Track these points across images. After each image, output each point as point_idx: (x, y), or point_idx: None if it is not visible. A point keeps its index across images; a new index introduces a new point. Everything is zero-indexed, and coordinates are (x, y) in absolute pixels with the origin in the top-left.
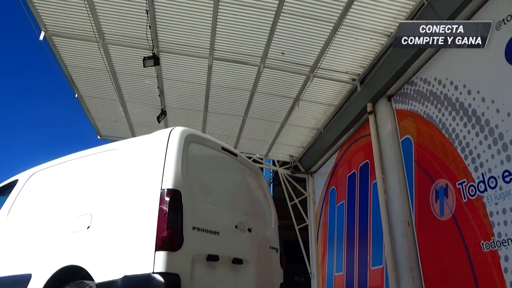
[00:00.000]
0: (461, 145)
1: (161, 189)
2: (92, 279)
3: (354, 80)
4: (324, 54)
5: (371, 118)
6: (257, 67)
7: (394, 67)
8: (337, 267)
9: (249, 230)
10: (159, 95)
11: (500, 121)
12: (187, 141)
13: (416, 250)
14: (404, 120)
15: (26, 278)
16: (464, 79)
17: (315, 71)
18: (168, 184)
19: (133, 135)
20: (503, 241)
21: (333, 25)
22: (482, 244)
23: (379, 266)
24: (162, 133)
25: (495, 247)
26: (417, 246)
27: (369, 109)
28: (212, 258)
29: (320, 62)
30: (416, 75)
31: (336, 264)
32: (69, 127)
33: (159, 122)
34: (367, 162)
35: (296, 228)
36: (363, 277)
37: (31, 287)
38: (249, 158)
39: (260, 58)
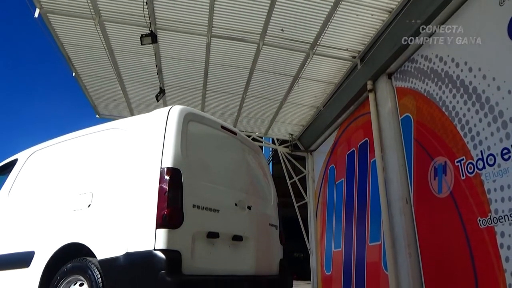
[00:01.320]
0: (461, 122)
1: (161, 167)
2: (94, 256)
3: (354, 57)
4: (324, 31)
5: (371, 96)
6: (256, 45)
7: (395, 44)
8: (335, 243)
9: (249, 208)
10: (157, 74)
11: (501, 99)
12: (186, 120)
13: (413, 227)
14: (404, 98)
15: (30, 255)
16: (465, 56)
17: (315, 48)
18: (168, 163)
19: (132, 114)
20: (500, 217)
21: (333, 0)
22: (479, 220)
23: (377, 242)
24: (161, 112)
25: (491, 223)
26: (415, 222)
27: (369, 87)
28: (213, 235)
29: (320, 39)
30: (417, 52)
31: (334, 241)
32: (68, 106)
33: (157, 101)
34: (366, 140)
35: (295, 205)
36: (361, 253)
37: (34, 264)
38: (249, 136)
39: (259, 36)
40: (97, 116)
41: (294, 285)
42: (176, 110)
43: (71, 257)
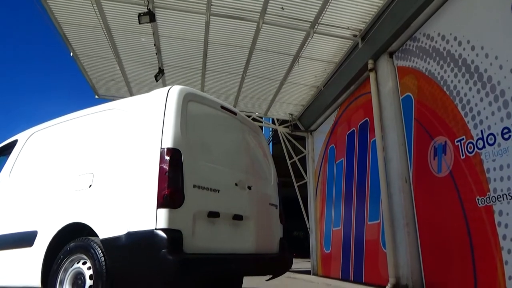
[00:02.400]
0: (462, 102)
1: (161, 148)
2: (96, 235)
3: (355, 36)
4: (325, 9)
5: (372, 75)
6: (256, 23)
7: (397, 22)
8: (335, 222)
9: (249, 187)
10: (156, 53)
11: (503, 78)
12: (186, 100)
13: (412, 206)
14: (405, 77)
15: (32, 235)
16: (468, 34)
17: (316, 26)
18: (168, 143)
19: (131, 94)
20: (499, 196)
21: None
22: (478, 199)
23: (376, 221)
24: (160, 92)
25: (490, 202)
26: (414, 202)
27: (370, 66)
28: (213, 214)
29: (321, 17)
30: (419, 30)
31: (334, 219)
32: (67, 86)
33: (157, 81)
34: (366, 120)
35: (295, 185)
36: (360, 232)
37: (37, 243)
38: (249, 116)
39: (259, 14)
40: (96, 96)
41: (294, 263)
42: (175, 90)
43: (74, 236)
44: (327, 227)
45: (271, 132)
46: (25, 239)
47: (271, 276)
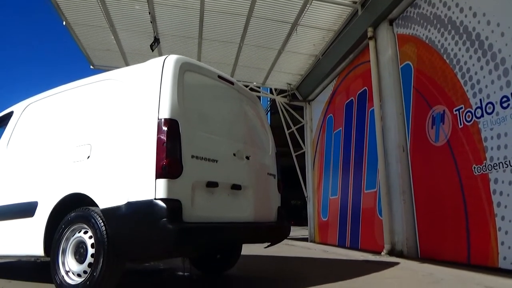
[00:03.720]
0: (462, 70)
1: (158, 118)
2: (96, 206)
3: (355, 2)
4: None
5: (371, 43)
6: None
7: None
8: (332, 191)
9: (247, 157)
10: (151, 22)
11: (504, 46)
12: (182, 70)
13: (409, 174)
14: (405, 45)
15: (33, 205)
16: (470, 0)
17: None
18: (165, 114)
19: (127, 64)
20: (495, 164)
21: None
22: (474, 168)
23: (373, 190)
24: (156, 62)
25: (486, 170)
26: (410, 170)
27: (369, 34)
28: (212, 184)
29: None
30: None
31: (331, 188)
32: (61, 57)
33: (152, 51)
34: (365, 89)
35: (293, 155)
36: (357, 200)
37: (38, 213)
38: (246, 86)
39: None
40: (91, 67)
41: (292, 231)
42: (171, 60)
43: (74, 206)
44: (324, 195)
45: (269, 102)
46: (26, 210)
47: (269, 243)
